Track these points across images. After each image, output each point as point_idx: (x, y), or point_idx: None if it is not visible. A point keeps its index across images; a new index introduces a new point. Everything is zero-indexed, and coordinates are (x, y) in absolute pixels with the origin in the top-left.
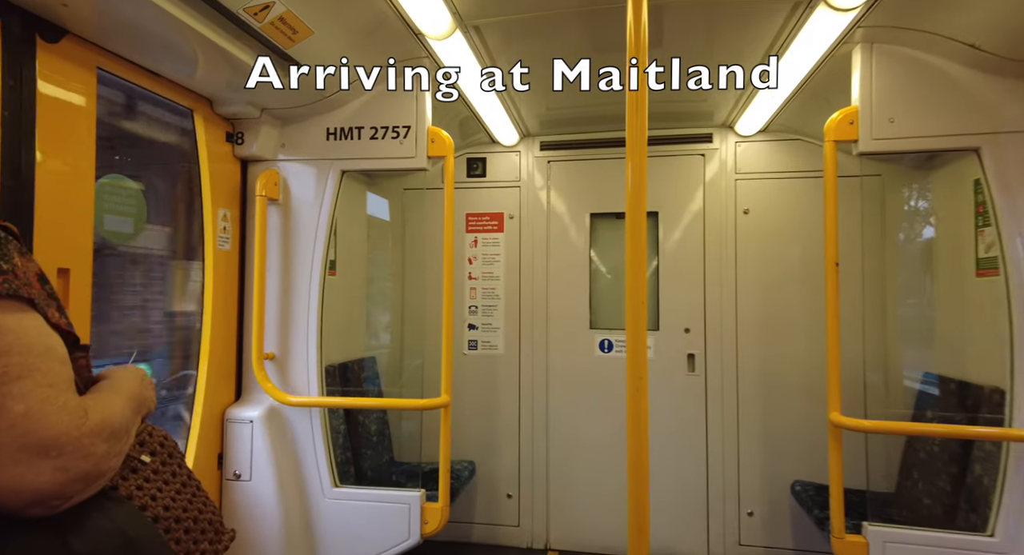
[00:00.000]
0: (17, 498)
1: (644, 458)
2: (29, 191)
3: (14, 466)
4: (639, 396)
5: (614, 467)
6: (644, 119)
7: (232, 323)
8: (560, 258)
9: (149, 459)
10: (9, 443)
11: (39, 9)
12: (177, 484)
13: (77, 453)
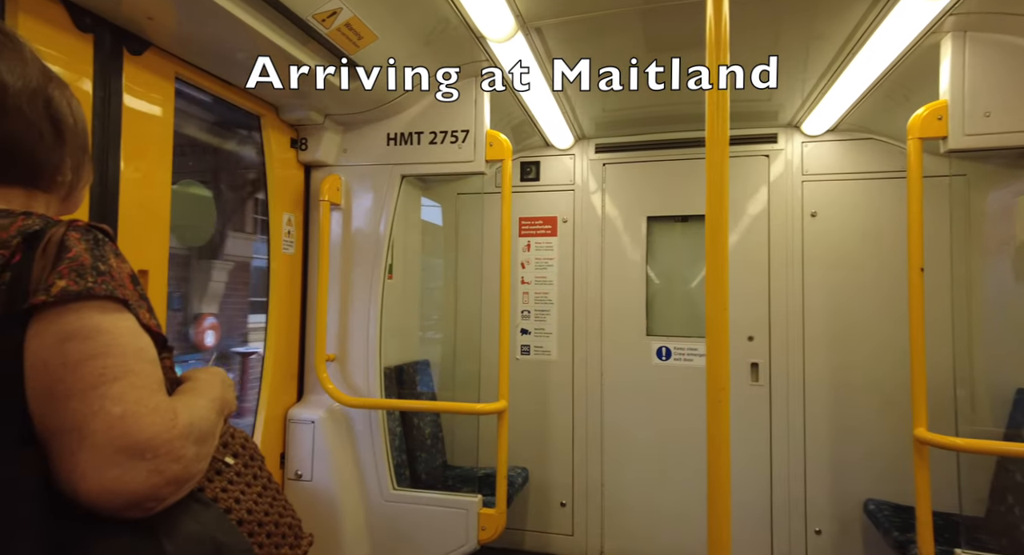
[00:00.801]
0: (115, 500)
1: (726, 473)
2: (114, 197)
3: (111, 468)
4: (720, 408)
5: (672, 477)
6: (725, 118)
7: (295, 325)
8: (615, 262)
9: (233, 461)
10: (107, 445)
11: (127, 23)
12: (258, 487)
13: (169, 455)
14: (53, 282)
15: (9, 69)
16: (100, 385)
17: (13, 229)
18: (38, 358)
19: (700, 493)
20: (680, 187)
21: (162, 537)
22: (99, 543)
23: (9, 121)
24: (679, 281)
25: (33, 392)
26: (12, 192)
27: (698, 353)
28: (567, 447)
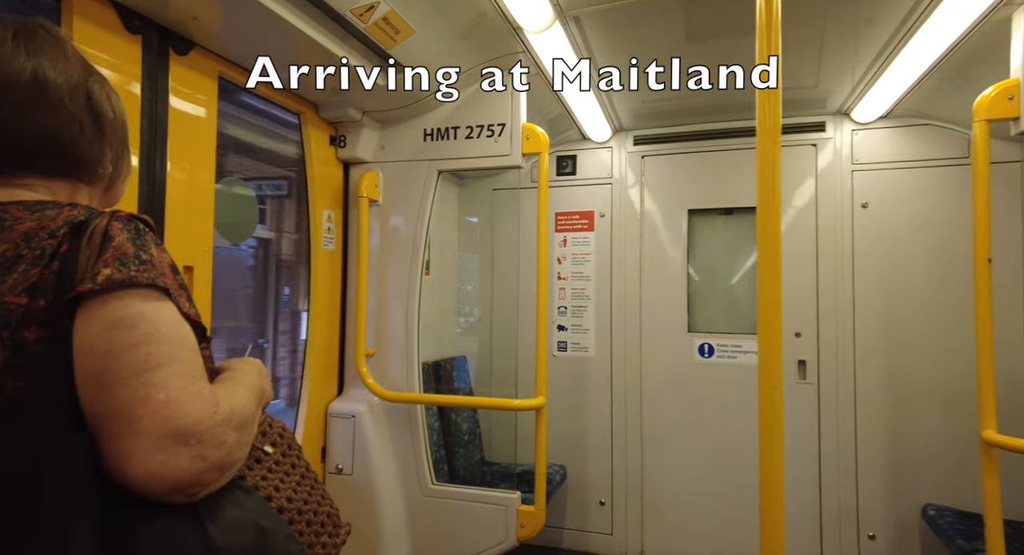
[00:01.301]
0: (160, 484)
1: (779, 475)
2: (161, 195)
3: (157, 453)
4: (773, 407)
5: (716, 476)
6: (777, 108)
7: (335, 320)
8: (655, 257)
9: (271, 450)
10: (152, 430)
11: (173, 24)
12: (296, 476)
13: (212, 441)
14: (99, 270)
15: (52, 64)
16: (144, 372)
17: (60, 219)
18: (85, 345)
19: (745, 493)
20: (723, 179)
21: (207, 522)
22: (146, 526)
23: (52, 115)
24: (721, 276)
25: (81, 378)
26: (57, 184)
27: (742, 350)
28: (605, 445)
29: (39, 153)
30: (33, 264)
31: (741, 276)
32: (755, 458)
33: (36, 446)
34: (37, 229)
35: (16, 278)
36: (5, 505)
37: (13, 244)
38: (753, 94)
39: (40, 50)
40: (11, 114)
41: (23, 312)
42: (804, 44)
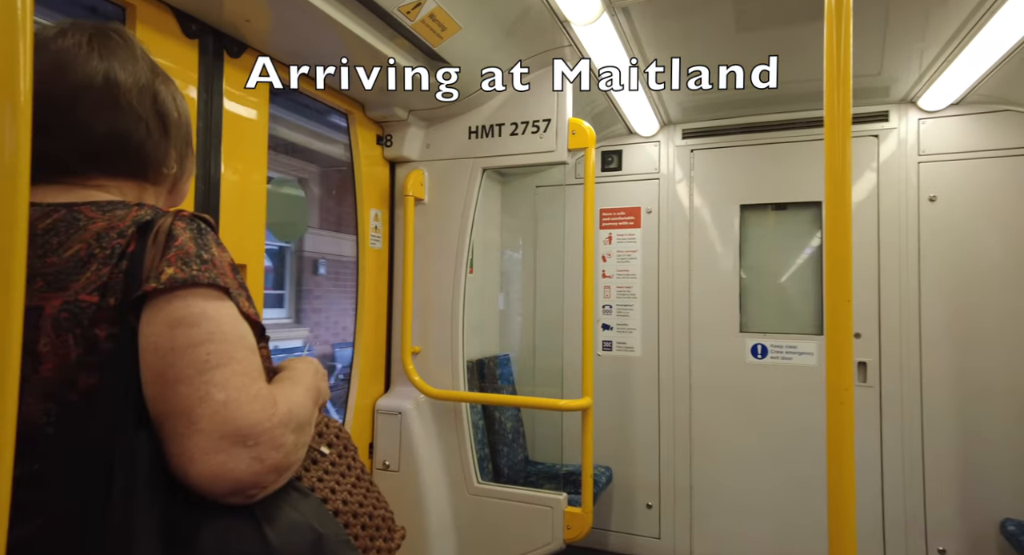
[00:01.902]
0: (220, 485)
1: (850, 482)
2: (216, 195)
3: (216, 454)
4: (843, 410)
5: (770, 480)
6: (847, 94)
7: (382, 318)
8: (704, 254)
9: (328, 451)
10: (212, 431)
11: (227, 27)
12: (352, 477)
13: (270, 443)
14: (162, 270)
15: (122, 67)
16: (206, 371)
17: (128, 219)
18: (150, 343)
19: (800, 497)
20: (776, 173)
21: (264, 524)
22: (206, 526)
23: (122, 117)
24: (774, 274)
25: (147, 376)
26: (126, 185)
27: (797, 351)
28: (652, 447)
29: (110, 154)
30: (104, 263)
31: (796, 274)
32: (810, 462)
33: (107, 442)
34: (108, 229)
35: (88, 277)
36: (79, 497)
37: (86, 244)
38: (812, 84)
39: (112, 53)
40: (85, 116)
41: (94, 310)
42: (866, 30)
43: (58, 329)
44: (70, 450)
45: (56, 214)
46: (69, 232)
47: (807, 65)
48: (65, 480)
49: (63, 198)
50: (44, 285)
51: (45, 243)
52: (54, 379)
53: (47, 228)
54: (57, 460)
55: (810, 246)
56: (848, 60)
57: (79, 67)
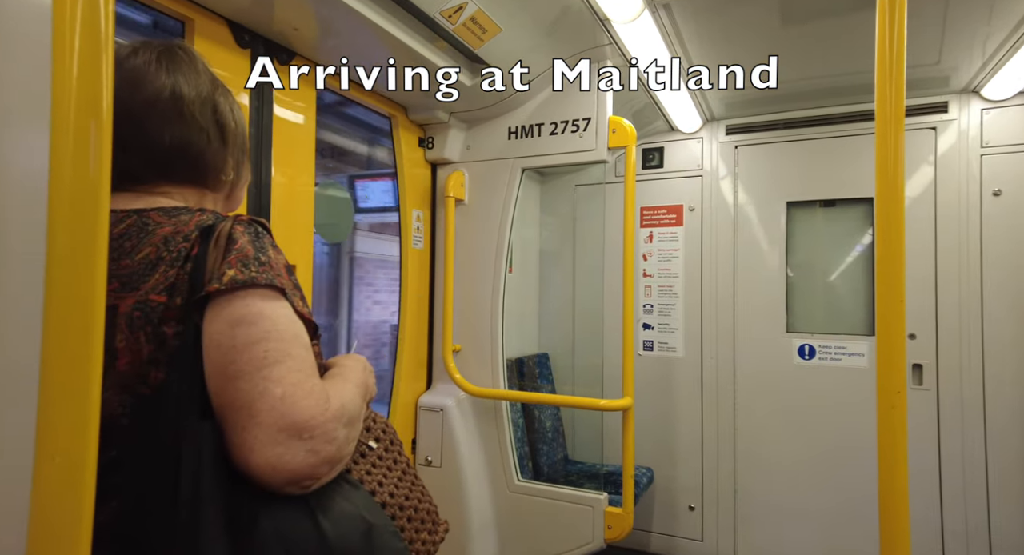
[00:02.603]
0: (277, 476)
1: (903, 490)
2: (267, 199)
3: (274, 446)
4: (895, 414)
5: (817, 485)
6: (900, 85)
7: (424, 316)
8: (749, 252)
9: (375, 445)
10: (270, 424)
11: (276, 36)
12: (398, 471)
13: (324, 437)
14: (224, 271)
15: (186, 80)
16: (264, 367)
17: (192, 224)
18: (213, 340)
19: (850, 503)
20: (825, 168)
21: (318, 514)
22: (264, 514)
23: (185, 127)
24: (822, 273)
25: (210, 371)
26: (187, 191)
27: (847, 352)
28: (695, 448)
29: (175, 163)
30: (171, 265)
31: (845, 273)
32: (861, 467)
33: (174, 433)
34: (174, 233)
35: (157, 278)
36: (149, 484)
37: (155, 247)
38: (863, 76)
39: (177, 68)
40: (155, 128)
41: (163, 309)
42: (923, 16)
43: (132, 327)
44: (142, 440)
45: (128, 220)
46: (140, 236)
47: (858, 56)
48: (137, 468)
49: (134, 204)
50: (119, 286)
51: (119, 247)
52: (129, 373)
53: (120, 233)
54: (131, 449)
55: (860, 243)
56: (902, 49)
57: (149, 83)
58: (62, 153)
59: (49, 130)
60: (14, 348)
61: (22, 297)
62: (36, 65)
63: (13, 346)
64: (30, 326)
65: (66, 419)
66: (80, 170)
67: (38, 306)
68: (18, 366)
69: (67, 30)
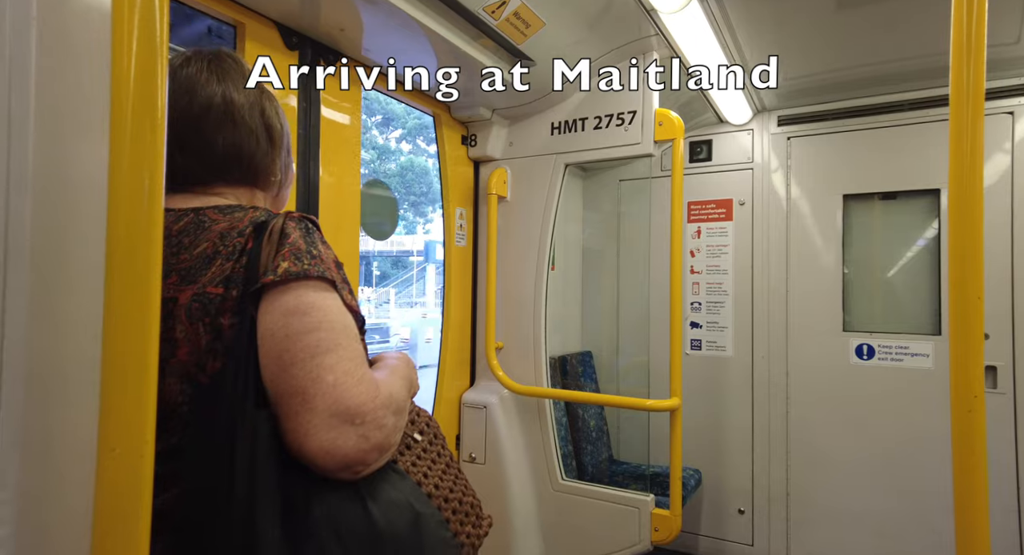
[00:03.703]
0: (330, 460)
1: (982, 502)
2: (315, 198)
3: (327, 431)
4: (972, 420)
5: (875, 492)
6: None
7: (467, 313)
8: (803, 248)
9: (420, 438)
10: (324, 409)
11: (323, 37)
12: (442, 464)
13: (374, 423)
14: (278, 264)
15: (235, 87)
16: (316, 355)
17: (246, 220)
18: (267, 330)
19: (912, 511)
20: (885, 159)
21: (368, 501)
22: (316, 498)
23: (237, 131)
24: (881, 269)
25: (264, 359)
26: (240, 191)
27: (909, 352)
28: (745, 450)
29: (229, 164)
30: (227, 259)
31: (907, 269)
32: (924, 473)
33: (231, 420)
34: (229, 229)
35: (214, 271)
36: (208, 471)
37: (212, 242)
38: (925, 60)
39: (227, 75)
40: (209, 132)
41: (220, 301)
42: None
43: (191, 318)
44: (201, 427)
45: (186, 218)
46: (197, 232)
47: (924, 38)
48: (196, 454)
49: (191, 204)
50: (178, 279)
51: (178, 243)
52: (189, 362)
53: (179, 230)
54: (190, 436)
55: (923, 238)
56: (982, 28)
57: (202, 90)
58: (120, 154)
59: (108, 133)
60: (78, 345)
61: (85, 294)
62: (97, 74)
63: (77, 343)
64: (93, 323)
65: (125, 412)
66: (137, 170)
67: (99, 303)
68: (83, 363)
69: (125, 40)
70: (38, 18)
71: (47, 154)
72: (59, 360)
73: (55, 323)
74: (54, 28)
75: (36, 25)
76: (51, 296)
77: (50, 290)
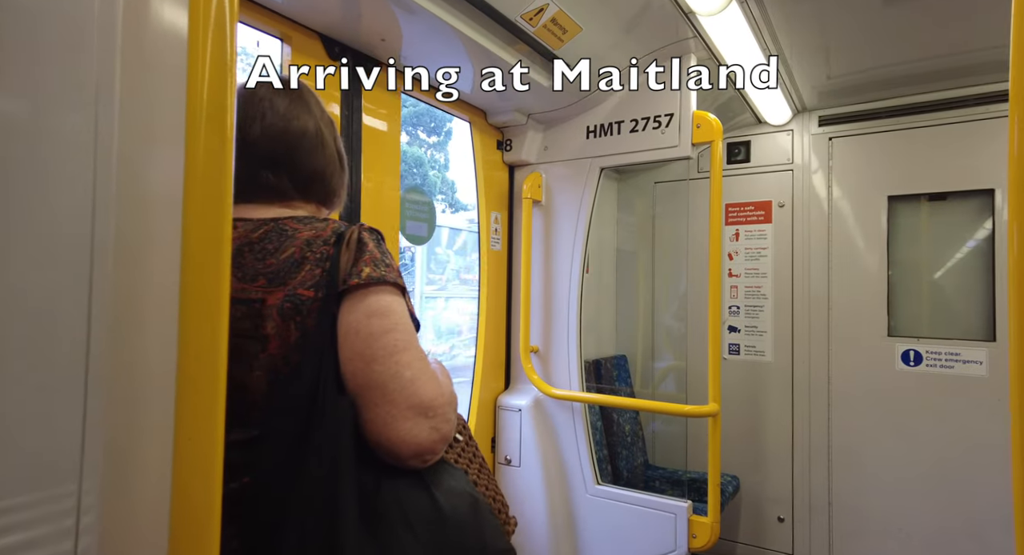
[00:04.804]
0: (406, 449)
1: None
2: (358, 204)
3: (405, 422)
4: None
5: (925, 503)
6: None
7: (502, 317)
8: (845, 250)
9: (460, 437)
10: (402, 402)
11: (364, 47)
12: (477, 464)
13: (442, 416)
14: (361, 269)
15: (320, 117)
16: (395, 353)
17: (328, 230)
18: (350, 328)
19: (966, 522)
20: (933, 159)
21: (432, 487)
22: (385, 484)
23: (322, 157)
24: (929, 272)
25: (346, 355)
26: (309, 206)
27: (960, 359)
28: (785, 458)
29: (314, 185)
30: (316, 265)
31: (957, 272)
32: (979, 485)
33: (313, 403)
34: (315, 237)
35: (304, 275)
36: (291, 457)
37: (298, 248)
38: (985, 53)
39: (311, 107)
40: (303, 157)
41: (310, 302)
42: None
43: (283, 316)
44: (284, 415)
45: (266, 226)
46: (280, 240)
47: (976, 33)
48: (279, 440)
49: (267, 214)
50: (266, 282)
51: (263, 249)
52: (277, 356)
53: (260, 237)
54: (273, 423)
55: (975, 239)
56: None
57: (295, 120)
58: (194, 166)
59: (184, 147)
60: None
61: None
62: (173, 94)
63: (156, 342)
64: (169, 323)
65: (198, 407)
66: (209, 180)
67: (175, 305)
68: (160, 361)
69: (199, 63)
70: (122, 47)
71: (128, 168)
72: (139, 359)
73: (136, 324)
74: (136, 55)
75: (120, 53)
76: (132, 299)
77: (131, 294)
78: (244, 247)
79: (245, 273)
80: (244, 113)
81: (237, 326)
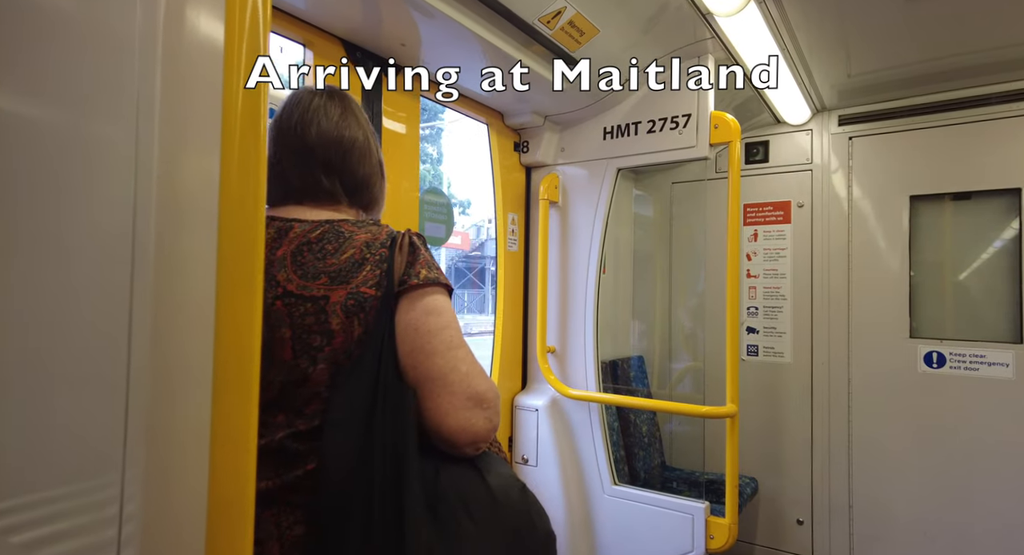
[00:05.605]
0: (464, 436)
1: None
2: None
3: (463, 411)
4: None
5: (950, 507)
6: None
7: (519, 317)
8: (866, 250)
9: None
10: (460, 393)
11: (384, 51)
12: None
13: (494, 408)
14: (418, 271)
15: (366, 127)
16: (452, 348)
17: (383, 234)
18: (409, 325)
19: (992, 528)
20: (956, 158)
21: (485, 474)
22: (443, 468)
23: (369, 165)
24: (952, 272)
25: (405, 349)
26: (353, 211)
27: (986, 361)
28: (804, 460)
29: (362, 190)
30: (376, 266)
31: (982, 273)
32: (1006, 487)
33: (375, 391)
34: (372, 240)
35: (365, 275)
36: (353, 433)
37: (358, 250)
38: (1005, 51)
39: (358, 117)
40: (353, 165)
41: (372, 300)
42: None
43: (347, 313)
44: (347, 405)
45: (322, 227)
46: (339, 241)
47: (995, 30)
48: (339, 430)
49: (322, 216)
50: (328, 280)
51: (321, 249)
52: (339, 350)
53: (318, 237)
54: (335, 410)
55: (1001, 239)
56: None
57: (347, 129)
58: (229, 168)
59: (220, 150)
60: (194, 341)
61: (199, 294)
62: (210, 101)
63: (193, 339)
64: (206, 321)
65: (233, 402)
66: (243, 181)
67: (211, 302)
68: (198, 357)
69: (234, 72)
70: (162, 58)
71: (168, 170)
72: (178, 357)
73: (174, 325)
74: (174, 66)
75: (160, 64)
76: (171, 297)
77: (171, 292)
78: (303, 246)
79: (306, 271)
80: (300, 118)
81: (301, 322)
